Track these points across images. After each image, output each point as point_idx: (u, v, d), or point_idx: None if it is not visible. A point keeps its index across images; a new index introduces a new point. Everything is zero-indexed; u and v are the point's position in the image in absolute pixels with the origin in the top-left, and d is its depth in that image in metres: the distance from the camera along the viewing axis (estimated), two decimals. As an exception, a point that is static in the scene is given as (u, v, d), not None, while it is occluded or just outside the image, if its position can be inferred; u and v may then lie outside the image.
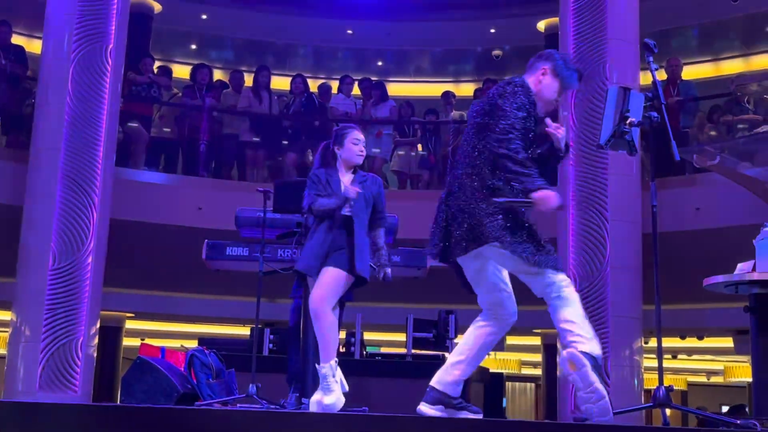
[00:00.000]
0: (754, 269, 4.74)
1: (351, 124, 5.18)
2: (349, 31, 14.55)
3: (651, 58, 3.86)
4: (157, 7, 13.15)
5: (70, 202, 8.48)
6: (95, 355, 8.74)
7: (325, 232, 4.74)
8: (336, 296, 4.68)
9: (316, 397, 4.55)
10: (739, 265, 4.84)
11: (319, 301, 4.60)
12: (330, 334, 4.60)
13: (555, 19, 10.78)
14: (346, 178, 4.93)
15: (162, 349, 7.32)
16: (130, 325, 14.60)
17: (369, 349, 9.02)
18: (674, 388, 3.60)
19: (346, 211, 4.77)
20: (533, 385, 20.90)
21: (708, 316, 12.24)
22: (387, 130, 11.19)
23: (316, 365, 4.61)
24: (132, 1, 10.18)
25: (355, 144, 4.98)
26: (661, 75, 10.64)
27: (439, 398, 3.96)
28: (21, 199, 8.84)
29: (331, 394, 4.53)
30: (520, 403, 21.47)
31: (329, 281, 4.64)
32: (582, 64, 8.79)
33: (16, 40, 10.95)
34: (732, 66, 14.33)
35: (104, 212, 8.67)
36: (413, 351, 8.31)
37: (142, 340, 15.12)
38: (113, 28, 8.93)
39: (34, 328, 8.29)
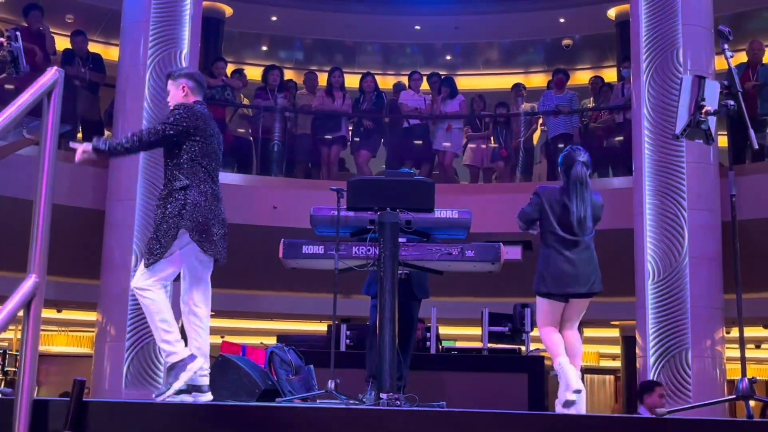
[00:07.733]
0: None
1: None
2: (417, 27, 14.57)
3: (726, 46, 3.80)
4: (228, 11, 13.36)
5: (150, 205, 8.70)
6: (178, 353, 8.93)
7: None
8: None
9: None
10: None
11: None
12: None
13: (626, 6, 10.61)
14: None
15: (243, 347, 7.45)
16: (210, 323, 14.81)
17: (444, 344, 9.05)
18: (757, 379, 3.53)
19: None
20: (612, 377, 20.63)
21: (792, 305, 11.91)
22: (457, 125, 11.18)
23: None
24: (204, 6, 10.35)
25: None
26: (742, 58, 10.34)
27: None
28: (103, 202, 9.11)
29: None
30: (599, 396, 21.20)
31: None
32: (654, 51, 8.66)
33: (94, 47, 11.23)
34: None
35: (183, 214, 8.84)
36: (489, 345, 8.31)
37: (222, 337, 15.39)
38: (186, 33, 9.12)
39: (119, 328, 8.54)
